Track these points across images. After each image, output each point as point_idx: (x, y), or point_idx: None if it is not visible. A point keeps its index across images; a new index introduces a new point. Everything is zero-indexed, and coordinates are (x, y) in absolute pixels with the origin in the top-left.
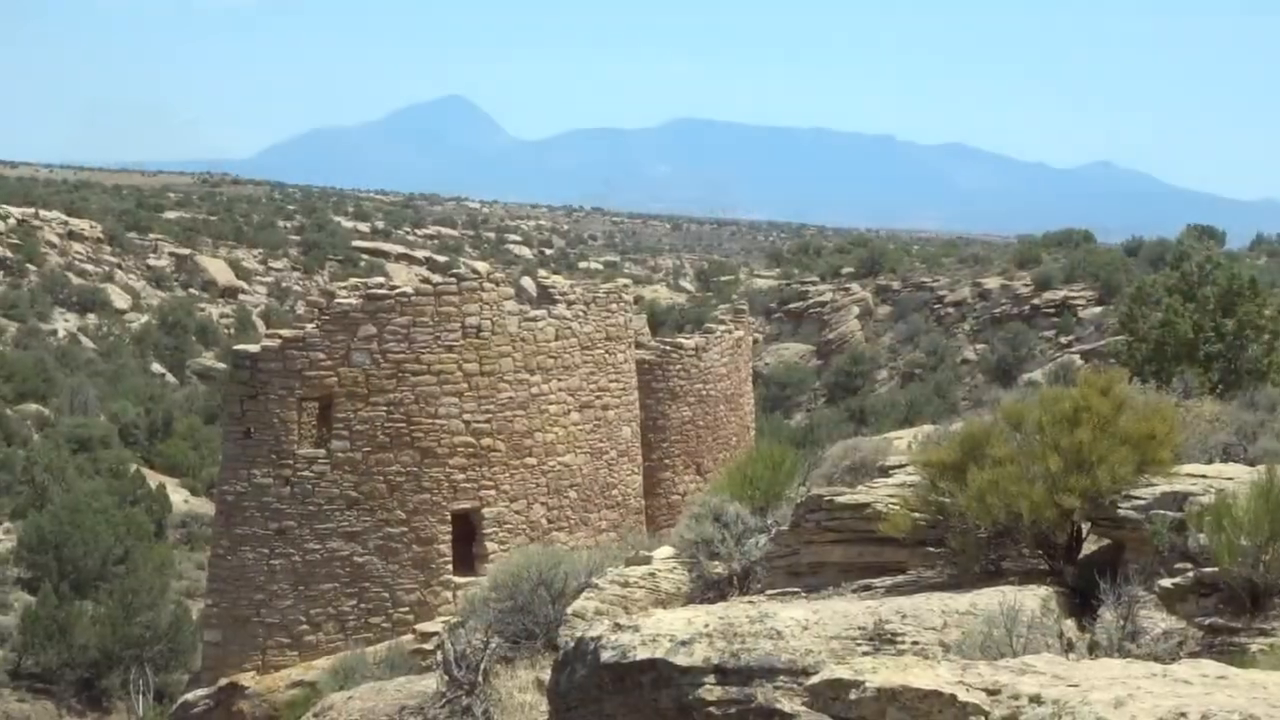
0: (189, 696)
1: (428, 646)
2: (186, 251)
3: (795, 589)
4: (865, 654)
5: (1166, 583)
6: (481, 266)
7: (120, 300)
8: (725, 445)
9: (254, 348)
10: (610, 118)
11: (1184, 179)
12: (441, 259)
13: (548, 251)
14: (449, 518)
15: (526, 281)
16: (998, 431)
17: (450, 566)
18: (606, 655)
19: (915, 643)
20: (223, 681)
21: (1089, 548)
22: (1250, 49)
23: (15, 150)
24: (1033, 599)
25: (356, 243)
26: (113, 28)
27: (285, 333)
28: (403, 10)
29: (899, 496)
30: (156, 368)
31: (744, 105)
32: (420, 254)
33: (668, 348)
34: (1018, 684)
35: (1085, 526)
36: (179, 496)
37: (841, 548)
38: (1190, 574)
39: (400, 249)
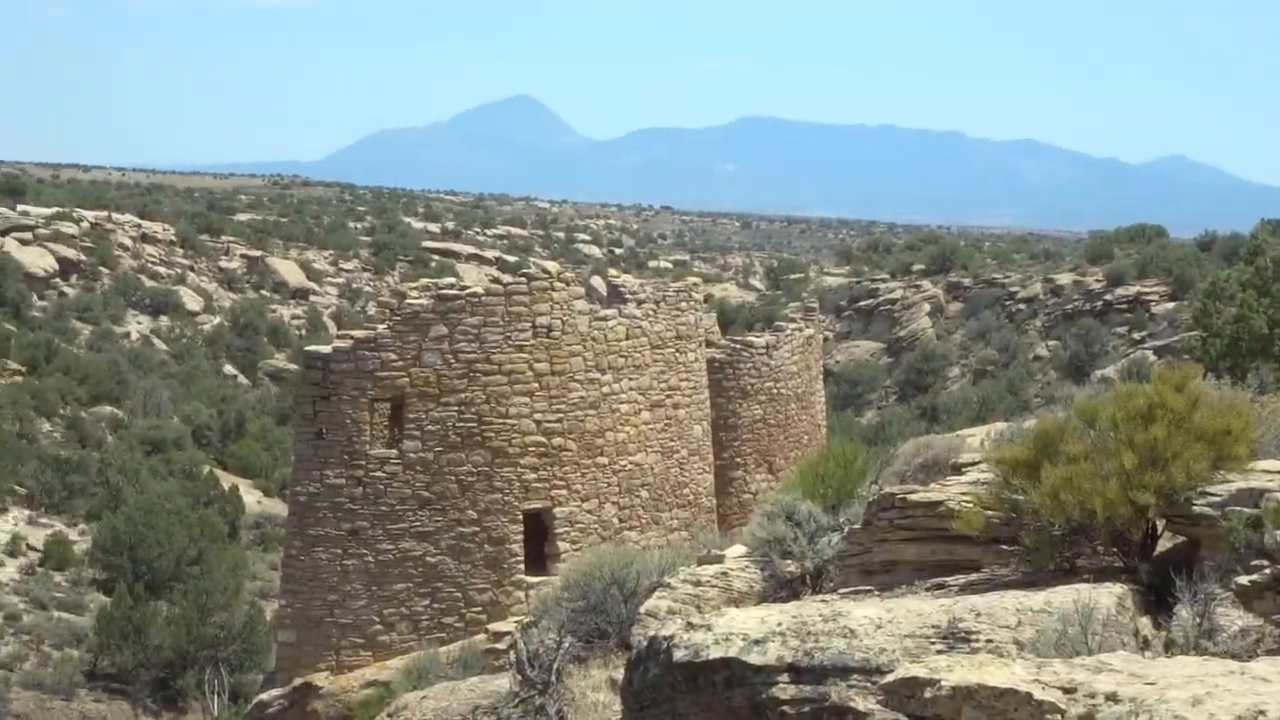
0: (264, 696)
1: (500, 646)
2: (258, 253)
3: (868, 587)
4: (939, 652)
5: (1243, 580)
6: (551, 266)
7: (192, 302)
8: (796, 443)
9: (326, 349)
10: (678, 117)
11: (1258, 173)
12: (511, 259)
13: (617, 251)
14: (521, 517)
15: (597, 281)
16: (1071, 428)
17: (522, 566)
18: (679, 654)
19: (990, 641)
20: (297, 682)
21: (1164, 545)
22: None
23: (88, 154)
24: (1108, 597)
25: (427, 243)
26: (180, 31)
27: (357, 333)
28: (470, 11)
29: (972, 494)
30: (229, 369)
31: (811, 103)
32: (490, 254)
33: (738, 346)
34: (1094, 682)
35: (1160, 524)
36: (252, 497)
37: (914, 546)
38: (1267, 571)
39: (470, 249)
